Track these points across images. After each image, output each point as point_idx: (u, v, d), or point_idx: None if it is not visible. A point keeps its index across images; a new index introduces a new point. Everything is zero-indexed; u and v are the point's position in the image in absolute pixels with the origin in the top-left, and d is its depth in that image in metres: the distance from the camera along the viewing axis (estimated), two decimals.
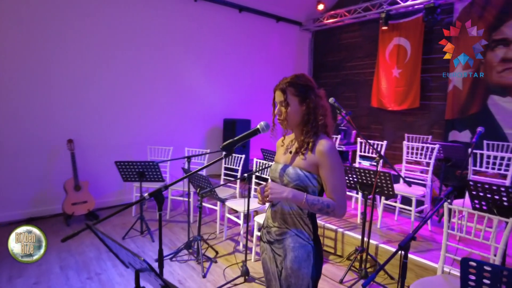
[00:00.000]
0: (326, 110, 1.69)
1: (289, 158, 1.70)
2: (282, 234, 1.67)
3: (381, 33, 6.41)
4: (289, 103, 1.62)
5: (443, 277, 2.51)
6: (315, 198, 1.56)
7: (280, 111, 1.65)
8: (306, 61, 8.00)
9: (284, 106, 1.63)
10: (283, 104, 1.63)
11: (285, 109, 1.62)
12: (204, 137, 6.46)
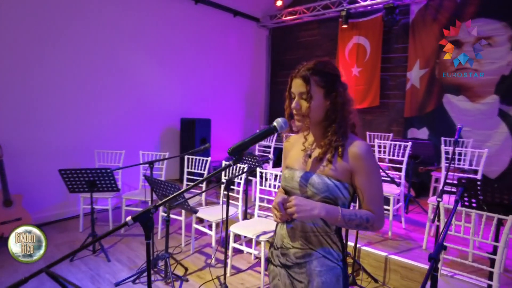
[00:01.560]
0: (353, 106, 1.41)
1: (310, 164, 1.38)
2: (305, 256, 1.35)
3: (340, 32, 6.41)
4: (312, 96, 1.30)
5: (445, 281, 2.41)
6: (351, 212, 1.27)
7: (299, 104, 1.32)
8: (264, 58, 7.78)
9: (306, 99, 1.30)
10: (304, 96, 1.31)
11: (307, 103, 1.30)
12: (158, 139, 5.88)
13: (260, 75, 7.80)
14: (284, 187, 1.46)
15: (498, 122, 4.92)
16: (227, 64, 6.91)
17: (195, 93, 6.37)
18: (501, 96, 4.88)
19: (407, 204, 4.61)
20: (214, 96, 6.72)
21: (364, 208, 1.31)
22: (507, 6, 4.75)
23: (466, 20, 5.08)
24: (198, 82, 6.41)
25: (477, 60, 5.04)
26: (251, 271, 3.50)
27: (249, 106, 7.56)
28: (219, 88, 6.80)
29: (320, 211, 1.24)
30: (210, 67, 6.60)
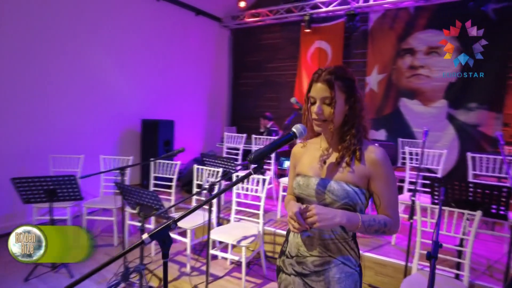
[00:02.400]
0: (367, 111, 1.43)
1: (325, 170, 1.37)
2: (324, 264, 1.34)
3: (302, 36, 6.56)
4: (336, 101, 1.29)
5: (422, 274, 2.56)
6: (370, 217, 1.29)
7: (321, 109, 1.30)
8: (226, 59, 7.70)
9: (330, 104, 1.29)
10: (328, 101, 1.30)
11: (331, 108, 1.29)
12: (117, 142, 5.52)
13: (222, 76, 7.71)
14: (298, 195, 1.43)
15: (446, 124, 5.38)
16: (189, 64, 6.72)
17: (157, 93, 6.10)
18: (449, 101, 5.35)
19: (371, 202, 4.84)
20: (176, 96, 6.49)
21: (380, 213, 1.33)
22: (453, 20, 5.20)
23: (418, 31, 5.50)
24: (160, 82, 6.14)
25: (428, 67, 5.47)
26: (229, 277, 3.42)
27: (211, 107, 7.43)
28: (181, 89, 6.58)
29: (342, 218, 1.23)
30: (172, 67, 6.36)
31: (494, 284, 2.90)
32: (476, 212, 2.45)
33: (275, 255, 3.83)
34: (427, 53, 5.45)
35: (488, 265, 3.27)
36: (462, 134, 5.28)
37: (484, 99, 5.10)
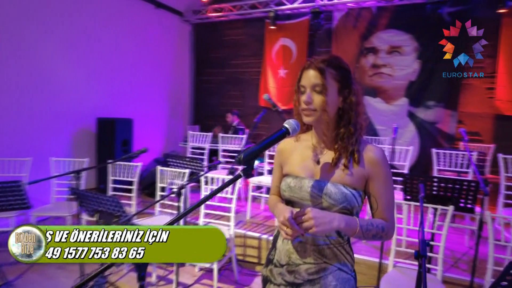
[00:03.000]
0: (364, 108, 1.33)
1: (319, 171, 1.26)
2: (319, 271, 1.23)
3: (267, 33, 6.47)
4: (327, 89, 1.18)
5: (399, 271, 2.55)
6: (368, 222, 1.20)
7: (311, 97, 1.19)
8: (188, 55, 7.39)
9: (321, 92, 1.18)
10: (318, 89, 1.18)
11: (322, 95, 1.18)
12: (69, 142, 5.04)
13: (184, 73, 7.40)
14: (289, 198, 1.30)
15: (407, 121, 5.57)
16: (148, 59, 6.34)
17: (114, 90, 5.68)
18: (409, 99, 5.54)
19: None
20: (135, 93, 6.10)
21: (377, 216, 1.25)
22: (413, 21, 5.40)
23: (380, 30, 5.64)
24: (117, 78, 5.72)
25: (389, 66, 5.63)
26: (199, 285, 3.23)
27: (172, 105, 7.10)
28: (140, 85, 6.20)
29: (340, 223, 1.14)
30: (130, 62, 5.96)
31: (461, 275, 2.99)
32: (448, 207, 2.50)
33: (246, 259, 3.70)
34: (389, 52, 5.60)
35: (454, 257, 3.38)
36: (422, 131, 5.49)
37: (440, 97, 5.33)
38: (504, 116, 5.03)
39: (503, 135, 5.07)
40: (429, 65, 5.36)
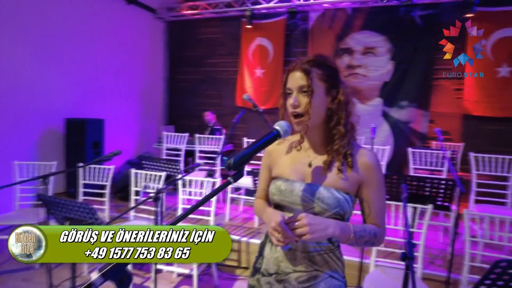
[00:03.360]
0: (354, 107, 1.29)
1: (311, 174, 1.22)
2: (311, 279, 1.19)
3: (243, 32, 6.39)
4: (314, 90, 1.14)
5: (381, 271, 2.56)
6: (361, 227, 1.17)
7: (297, 100, 1.15)
8: (161, 53, 7.18)
9: (307, 94, 1.14)
10: (304, 91, 1.14)
11: (308, 98, 1.14)
12: (35, 145, 4.73)
13: (158, 71, 7.18)
14: (279, 202, 1.25)
15: (382, 121, 5.68)
16: (119, 57, 6.09)
17: (84, 89, 5.40)
18: (383, 99, 5.66)
19: None
20: (106, 93, 5.83)
21: (369, 222, 1.22)
22: (386, 23, 5.52)
23: (355, 31, 5.72)
24: (87, 76, 5.45)
25: (364, 66, 5.72)
26: None
27: (146, 104, 6.87)
28: (112, 84, 5.94)
29: (335, 229, 1.09)
30: (101, 60, 5.70)
31: (438, 271, 3.07)
32: (428, 206, 2.54)
33: (225, 262, 3.61)
34: (364, 53, 5.69)
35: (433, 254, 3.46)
36: (396, 130, 5.62)
37: (413, 98, 5.48)
38: (471, 116, 5.24)
39: (471, 134, 5.29)
40: (402, 66, 5.49)
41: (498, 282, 1.51)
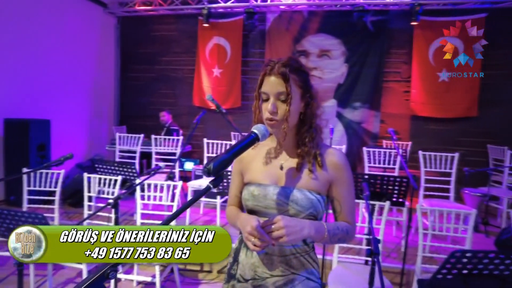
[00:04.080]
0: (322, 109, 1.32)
1: (283, 177, 1.23)
2: (287, 283, 1.20)
3: (200, 30, 6.27)
4: (292, 97, 1.14)
5: (344, 267, 2.65)
6: (334, 226, 1.21)
7: (276, 107, 1.14)
8: (113, 49, 6.80)
9: (285, 100, 1.14)
10: (283, 98, 1.14)
11: (287, 105, 1.14)
12: None
13: (109, 69, 6.79)
14: (253, 208, 1.24)
15: (336, 122, 5.91)
16: (66, 53, 5.66)
17: (27, 87, 4.93)
18: (338, 100, 5.88)
19: None
20: (53, 92, 5.39)
21: (341, 219, 1.26)
22: (341, 27, 5.74)
23: (311, 34, 5.88)
24: (31, 73, 4.99)
25: (320, 69, 5.90)
26: None
27: (96, 104, 6.46)
28: (58, 82, 5.50)
29: (310, 230, 1.11)
30: (46, 56, 5.25)
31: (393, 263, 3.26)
32: (385, 203, 2.67)
33: (187, 267, 3.51)
34: (319, 55, 5.87)
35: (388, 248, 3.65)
36: (349, 130, 5.88)
37: (365, 99, 5.77)
38: (418, 116, 5.65)
39: (417, 133, 5.69)
40: (355, 69, 5.76)
41: (453, 271, 1.62)
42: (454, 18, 5.31)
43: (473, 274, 1.64)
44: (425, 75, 5.51)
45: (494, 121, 5.43)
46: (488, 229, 4.09)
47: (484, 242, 3.85)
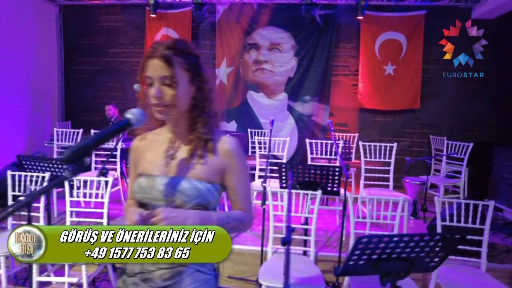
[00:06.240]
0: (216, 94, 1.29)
1: (174, 167, 1.19)
2: (175, 276, 1.16)
3: (148, 21, 6.04)
4: (178, 81, 1.09)
5: (277, 257, 2.64)
6: (224, 215, 1.19)
7: (161, 92, 1.09)
8: (55, 41, 6.39)
9: (170, 84, 1.09)
10: (167, 82, 1.09)
11: (173, 89, 1.09)
12: None
13: (51, 61, 6.38)
14: (141, 200, 1.19)
15: (287, 115, 5.95)
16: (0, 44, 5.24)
17: None
18: (288, 94, 5.92)
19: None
20: None
21: (236, 207, 1.24)
22: (291, 20, 5.76)
23: (262, 27, 5.85)
24: None
25: (271, 62, 5.90)
26: None
27: (36, 98, 6.05)
28: None
29: (194, 220, 1.08)
30: None
31: (332, 252, 3.32)
32: (317, 192, 2.70)
33: None
34: (270, 49, 5.86)
35: (327, 237, 3.72)
36: (300, 123, 5.94)
37: (315, 92, 5.85)
38: (365, 109, 5.81)
39: (365, 125, 5.87)
40: (304, 63, 5.81)
41: (363, 256, 1.65)
42: (397, 14, 5.53)
43: (382, 258, 1.68)
44: (372, 69, 5.68)
45: (435, 113, 5.72)
46: (427, 216, 4.29)
47: (422, 228, 4.02)
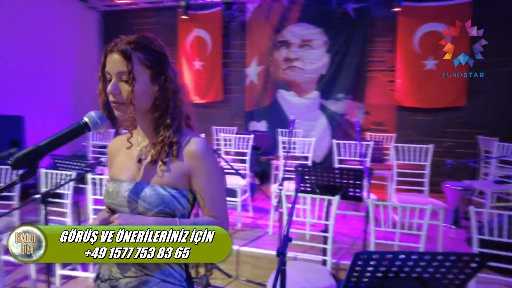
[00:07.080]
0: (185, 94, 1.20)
1: (142, 172, 1.12)
2: (141, 285, 1.10)
3: (180, 23, 6.16)
4: (135, 77, 1.02)
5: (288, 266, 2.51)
6: (190, 222, 1.09)
7: (118, 88, 1.03)
8: (96, 45, 6.76)
9: (127, 80, 1.03)
10: (124, 78, 1.03)
11: (129, 85, 1.02)
12: None
13: (91, 64, 6.74)
14: (109, 206, 1.16)
15: (319, 114, 5.73)
16: (45, 49, 5.63)
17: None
18: (320, 92, 5.69)
19: (253, 192, 4.84)
20: (27, 88, 5.37)
21: (206, 214, 1.14)
22: (322, 15, 5.53)
23: (292, 24, 5.69)
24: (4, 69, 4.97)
25: (301, 59, 5.72)
26: None
27: (78, 99, 6.44)
28: (33, 78, 5.48)
29: None
30: (19, 51, 5.23)
31: None
32: (335, 197, 2.52)
33: None
34: (301, 46, 5.68)
35: (353, 244, 3.49)
36: (332, 123, 5.69)
37: (348, 90, 5.56)
38: (403, 107, 5.42)
39: (404, 124, 5.47)
40: (337, 59, 5.55)
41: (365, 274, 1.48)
42: (438, 4, 5.07)
43: (389, 276, 1.50)
44: (410, 64, 5.27)
45: (483, 111, 5.16)
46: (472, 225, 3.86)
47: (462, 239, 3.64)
